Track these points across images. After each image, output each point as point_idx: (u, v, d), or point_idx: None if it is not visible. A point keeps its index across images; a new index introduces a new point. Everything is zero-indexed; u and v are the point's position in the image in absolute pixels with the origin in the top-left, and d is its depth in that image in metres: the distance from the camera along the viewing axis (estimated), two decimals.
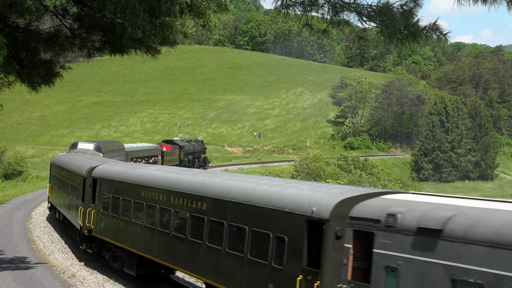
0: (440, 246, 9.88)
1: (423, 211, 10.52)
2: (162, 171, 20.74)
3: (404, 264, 10.43)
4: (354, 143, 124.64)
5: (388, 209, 11.00)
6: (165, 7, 12.69)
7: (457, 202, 11.14)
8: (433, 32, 9.06)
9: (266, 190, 14.20)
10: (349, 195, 12.19)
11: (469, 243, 9.48)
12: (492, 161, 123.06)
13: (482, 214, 9.94)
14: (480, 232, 9.43)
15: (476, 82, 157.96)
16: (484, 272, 9.15)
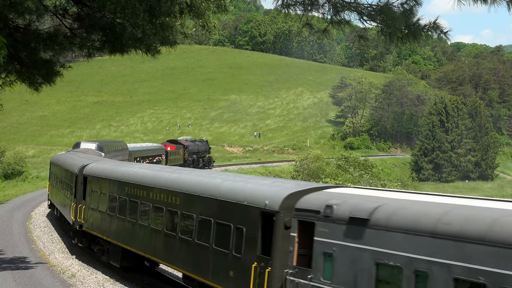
0: (367, 234, 11.00)
1: (355, 202, 11.68)
2: (143, 168, 21.82)
3: (338, 250, 11.56)
4: (354, 143, 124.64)
5: (327, 201, 12.14)
6: (165, 7, 12.69)
7: (386, 194, 12.34)
8: (433, 31, 9.06)
9: (229, 186, 15.47)
10: (296, 189, 13.34)
11: (390, 230, 10.56)
12: (492, 161, 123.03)
13: (403, 204, 11.04)
14: (399, 220, 10.51)
15: (476, 82, 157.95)
16: (401, 256, 10.23)
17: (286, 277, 12.68)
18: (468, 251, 9.33)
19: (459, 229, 9.55)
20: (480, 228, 9.29)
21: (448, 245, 9.64)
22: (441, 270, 9.67)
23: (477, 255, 9.17)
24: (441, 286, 9.65)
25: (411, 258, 10.12)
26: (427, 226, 10.05)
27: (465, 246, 9.36)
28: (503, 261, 8.78)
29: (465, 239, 9.41)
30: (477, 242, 9.19)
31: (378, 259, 10.73)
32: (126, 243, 20.65)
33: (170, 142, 70.11)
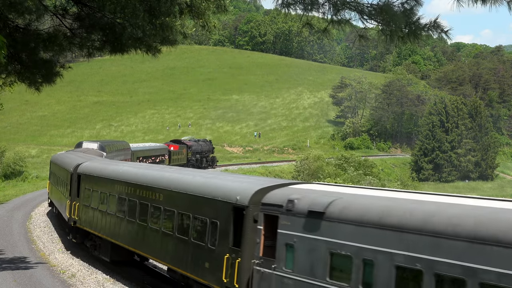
0: (322, 226, 11.97)
1: (313, 197, 12.63)
2: (131, 167, 23.37)
3: (298, 241, 12.47)
4: (354, 143, 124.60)
5: (289, 196, 13.07)
6: (165, 8, 12.69)
7: (343, 190, 13.41)
8: (434, 30, 9.04)
9: (205, 182, 16.60)
10: (264, 185, 14.31)
11: (342, 223, 11.56)
12: (492, 161, 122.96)
13: (354, 199, 12.12)
14: (350, 213, 11.52)
15: (476, 82, 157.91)
16: (351, 246, 11.22)
17: (253, 267, 13.58)
18: (407, 240, 10.23)
19: (399, 221, 10.49)
20: (418, 220, 10.23)
21: (390, 235, 10.53)
22: (385, 258, 10.53)
23: (415, 244, 10.07)
24: (385, 273, 10.51)
25: (360, 248, 11.05)
26: (373, 218, 10.99)
27: (405, 236, 10.28)
28: (437, 249, 9.70)
29: (405, 229, 10.33)
30: (416, 233, 10.12)
31: (331, 249, 11.68)
32: (115, 238, 21.66)
33: (173, 142, 70.92)
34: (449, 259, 9.56)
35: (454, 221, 9.81)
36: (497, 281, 8.73)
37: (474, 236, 9.33)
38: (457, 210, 10.19)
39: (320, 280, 11.77)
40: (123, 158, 50.90)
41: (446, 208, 10.39)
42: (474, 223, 9.53)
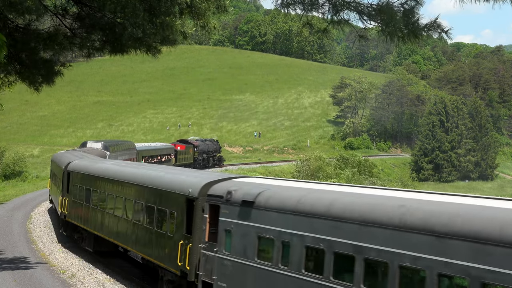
0: (252, 213, 13.74)
1: (247, 188, 14.43)
2: (112, 164, 25.41)
3: (234, 227, 14.27)
4: (354, 143, 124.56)
5: (228, 188, 14.89)
6: (165, 8, 12.69)
7: (273, 182, 15.30)
8: (434, 30, 9.03)
9: (166, 177, 18.62)
10: (211, 179, 16.19)
11: (267, 210, 13.35)
12: (492, 161, 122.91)
13: (278, 190, 13.84)
14: (273, 202, 13.32)
15: (476, 82, 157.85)
16: (274, 230, 13.07)
17: (201, 250, 15.53)
18: (315, 224, 12.08)
19: (310, 208, 12.37)
20: (323, 207, 12.10)
21: (303, 220, 12.39)
22: (298, 240, 12.42)
23: (320, 227, 11.96)
24: (298, 252, 12.37)
25: (280, 231, 12.89)
26: (290, 206, 12.83)
27: (313, 220, 12.16)
28: (336, 231, 11.58)
29: (313, 215, 12.19)
30: (320, 217, 12.01)
31: (259, 233, 13.52)
32: (97, 230, 23.66)
33: (180, 142, 72.20)
34: (344, 239, 11.35)
35: (349, 207, 11.61)
36: (376, 256, 10.65)
37: (363, 220, 11.11)
38: (352, 199, 11.96)
39: (250, 260, 13.70)
40: (128, 158, 52.57)
41: (344, 196, 12.26)
42: (365, 210, 11.26)
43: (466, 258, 9.16)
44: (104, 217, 22.82)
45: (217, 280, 14.74)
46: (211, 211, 15.32)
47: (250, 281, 13.75)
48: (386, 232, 10.62)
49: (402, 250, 10.28)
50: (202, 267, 15.41)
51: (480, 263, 8.96)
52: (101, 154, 42.93)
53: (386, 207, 11.04)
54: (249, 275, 13.79)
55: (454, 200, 10.89)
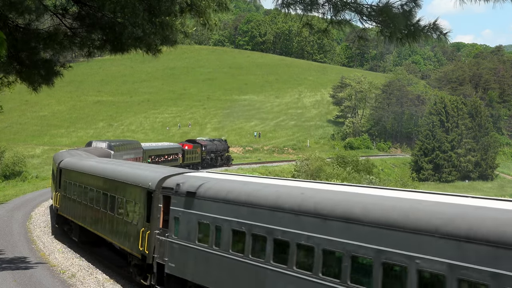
0: (194, 202, 15.89)
1: (192, 181, 16.59)
2: (94, 162, 27.93)
3: (181, 215, 16.45)
4: (354, 143, 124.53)
5: (178, 181, 17.07)
6: (165, 7, 12.67)
7: (213, 176, 17.57)
8: (433, 32, 9.05)
9: (133, 172, 21.07)
10: (166, 174, 18.37)
11: (206, 200, 15.47)
12: (492, 161, 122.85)
13: (216, 182, 16.04)
14: (210, 193, 15.45)
15: (476, 82, 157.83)
16: (209, 216, 15.25)
17: (156, 236, 17.71)
18: (239, 211, 14.17)
19: (236, 197, 14.47)
20: (243, 195, 14.39)
21: (230, 207, 14.48)
22: (227, 225, 14.55)
23: (242, 213, 14.06)
24: (226, 235, 14.54)
25: (214, 218, 14.99)
26: (222, 195, 14.99)
27: (238, 207, 14.31)
28: (253, 216, 13.67)
29: (237, 203, 14.32)
30: (243, 205, 14.10)
31: (199, 219, 15.68)
32: (81, 221, 25.93)
33: (188, 142, 74.20)
34: (259, 222, 13.44)
35: (263, 196, 13.80)
36: (282, 236, 12.76)
37: (273, 207, 13.23)
38: (268, 189, 14.18)
39: (192, 243, 15.87)
40: (134, 157, 55.08)
41: (263, 187, 14.41)
42: (274, 198, 13.43)
43: (342, 236, 11.27)
44: (86, 209, 25.18)
45: (168, 261, 16.97)
46: (164, 202, 17.59)
47: (192, 261, 15.90)
48: (289, 216, 12.73)
49: (299, 231, 12.35)
50: (157, 250, 17.62)
51: (351, 239, 11.05)
52: (105, 154, 44.99)
53: (290, 195, 13.22)
54: (191, 256, 15.92)
55: (347, 190, 13.02)
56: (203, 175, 17.80)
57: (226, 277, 14.53)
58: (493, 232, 8.85)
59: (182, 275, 16.35)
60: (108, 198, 22.10)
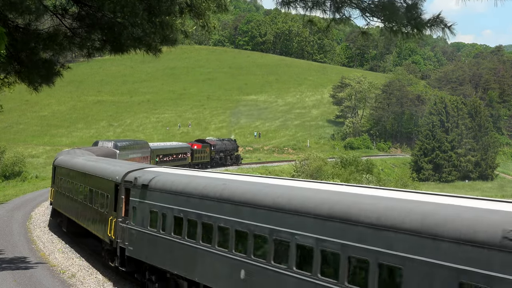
0: (147, 194, 18.44)
1: (146, 175, 19.13)
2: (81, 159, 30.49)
3: (138, 204, 19.01)
4: (354, 143, 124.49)
5: (136, 175, 19.60)
6: (165, 7, 12.65)
7: (164, 170, 20.58)
8: (437, 25, 8.95)
9: (105, 167, 24.18)
10: (130, 169, 20.93)
11: (155, 191, 18.05)
12: (492, 161, 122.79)
13: (165, 176, 18.44)
14: (159, 185, 17.94)
15: (476, 82, 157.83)
16: (158, 205, 17.75)
17: (119, 223, 20.26)
18: (178, 200, 16.69)
19: (176, 188, 17.02)
20: (181, 187, 16.87)
21: (173, 197, 17.04)
22: (170, 212, 17.01)
23: (180, 201, 16.60)
24: (170, 221, 16.96)
25: (161, 206, 17.54)
26: (167, 187, 17.47)
27: (178, 197, 16.81)
28: (188, 204, 16.28)
29: (178, 193, 16.83)
30: (182, 195, 16.63)
31: (150, 208, 18.19)
32: (68, 213, 28.85)
33: (197, 141, 76.14)
34: (192, 209, 15.93)
35: (195, 187, 16.23)
36: (208, 220, 15.24)
37: (201, 195, 15.66)
38: (199, 180, 16.71)
39: (145, 228, 18.43)
40: (141, 156, 57.99)
41: (195, 179, 17.05)
42: (202, 188, 15.86)
43: (249, 219, 13.64)
44: (72, 202, 28.00)
45: (127, 245, 19.54)
46: (125, 193, 20.09)
47: (145, 244, 18.48)
48: (213, 203, 15.13)
49: (220, 215, 14.74)
50: (119, 235, 20.23)
51: (254, 221, 13.48)
52: (111, 153, 47.80)
53: (214, 185, 15.55)
54: (145, 240, 18.48)
55: (257, 181, 15.83)
56: (157, 170, 20.58)
57: (170, 256, 16.98)
58: (342, 212, 11.25)
59: (139, 257, 19.03)
60: (88, 192, 24.99)
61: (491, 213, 9.20)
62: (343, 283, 10.81)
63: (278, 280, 12.64)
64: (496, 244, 8.56)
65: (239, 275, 13.86)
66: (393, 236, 9.97)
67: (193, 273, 15.84)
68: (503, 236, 8.50)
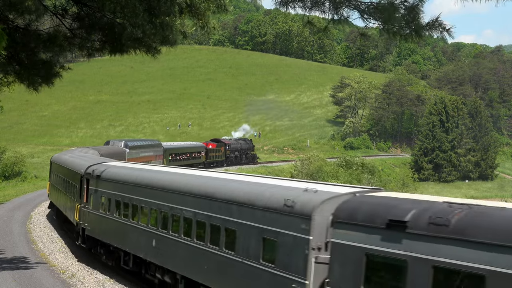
0: (99, 182, 22.89)
1: (100, 168, 23.65)
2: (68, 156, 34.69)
3: (94, 192, 23.54)
4: (354, 143, 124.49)
5: (93, 168, 23.99)
6: (165, 7, 12.66)
7: (113, 163, 25.32)
8: (436, 29, 8.96)
9: (76, 161, 29.09)
10: (92, 163, 25.54)
11: (106, 181, 22.32)
12: (492, 161, 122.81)
13: (113, 168, 23.00)
14: (108, 175, 22.23)
15: (476, 82, 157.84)
16: (108, 192, 22.10)
17: (82, 208, 24.81)
18: (117, 186, 21.25)
19: (117, 177, 21.60)
20: (119, 176, 21.58)
21: (113, 185, 21.64)
22: (113, 197, 21.51)
23: (119, 188, 21.08)
24: (113, 204, 21.47)
25: (108, 192, 21.96)
26: (111, 177, 22.08)
27: (116, 185, 21.43)
28: (115, 188, 21.35)
29: (116, 181, 21.52)
30: (118, 182, 21.39)
31: (101, 194, 22.67)
32: (57, 203, 33.21)
33: (212, 141, 78.91)
34: (126, 194, 20.47)
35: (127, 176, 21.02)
36: (135, 202, 19.72)
37: (133, 183, 20.13)
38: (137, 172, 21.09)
39: (97, 211, 23.06)
40: (153, 155, 61.91)
41: (133, 171, 21.49)
42: (123, 176, 21.20)
43: (164, 201, 17.60)
44: (59, 193, 32.18)
45: (87, 226, 24.21)
46: (86, 183, 24.48)
47: (98, 224, 23.16)
48: (138, 189, 19.54)
49: (141, 198, 19.18)
50: (81, 218, 24.88)
51: (162, 201, 17.75)
52: (120, 151, 52.41)
53: (143, 176, 19.99)
54: (97, 221, 23.16)
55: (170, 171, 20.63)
56: (111, 164, 24.96)
57: (111, 233, 21.80)
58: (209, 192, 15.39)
59: (94, 235, 23.54)
60: (65, 183, 29.40)
61: (279, 188, 13.37)
62: (206, 244, 15.12)
63: (175, 246, 16.82)
64: (280, 209, 12.37)
65: (152, 243, 18.21)
66: (233, 208, 14.09)
67: (125, 244, 20.52)
68: (284, 204, 12.31)
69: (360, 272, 10.40)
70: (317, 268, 11.39)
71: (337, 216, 11.23)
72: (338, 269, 10.96)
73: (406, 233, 9.72)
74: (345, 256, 10.82)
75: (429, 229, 9.40)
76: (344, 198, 11.68)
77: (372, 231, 10.34)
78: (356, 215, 10.83)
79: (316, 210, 11.54)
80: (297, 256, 11.76)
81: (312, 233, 11.48)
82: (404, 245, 9.67)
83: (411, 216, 9.80)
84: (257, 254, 13.01)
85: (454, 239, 9.03)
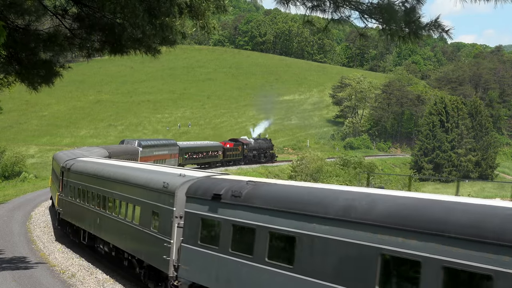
0: (70, 175, 27.29)
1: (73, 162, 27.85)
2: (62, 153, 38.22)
3: (67, 182, 27.65)
4: (354, 143, 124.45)
5: (68, 163, 28.13)
6: (165, 8, 12.66)
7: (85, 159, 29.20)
8: (435, 29, 8.98)
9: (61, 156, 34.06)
10: (69, 158, 30.32)
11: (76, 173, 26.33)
12: (492, 161, 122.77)
13: (81, 162, 27.26)
14: (77, 168, 26.56)
15: (476, 82, 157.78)
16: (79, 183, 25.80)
17: (59, 197, 28.96)
18: (82, 178, 25.41)
19: (81, 170, 25.74)
20: (85, 169, 25.50)
21: (80, 176, 25.71)
22: (79, 186, 25.62)
23: (84, 179, 25.10)
24: (81, 192, 25.37)
25: (82, 184, 25.21)
26: (79, 170, 26.10)
27: (82, 176, 25.51)
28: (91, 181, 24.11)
29: (81, 173, 25.57)
30: (81, 174, 25.69)
31: (75, 186, 26.31)
32: (52, 195, 36.62)
33: (230, 140, 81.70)
34: (93, 185, 23.59)
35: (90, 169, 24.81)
36: (89, 189, 24.16)
37: (91, 174, 24.17)
38: (99, 166, 24.57)
39: (67, 197, 27.44)
40: (168, 153, 64.50)
41: (93, 164, 25.61)
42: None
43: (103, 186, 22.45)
44: (52, 185, 36.51)
45: (61, 211, 28.49)
46: (62, 175, 28.54)
47: (67, 208, 27.43)
48: (93, 179, 23.67)
49: (93, 185, 23.49)
50: (59, 205, 29.21)
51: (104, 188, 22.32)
52: (133, 150, 55.58)
53: (90, 165, 25.30)
54: (67, 205, 27.48)
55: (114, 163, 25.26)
56: (79, 159, 29.19)
57: (76, 215, 26.22)
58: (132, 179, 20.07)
59: (65, 218, 27.90)
60: (55, 176, 33.38)
61: (164, 174, 18.21)
62: (131, 221, 19.32)
63: (110, 223, 21.47)
64: (161, 189, 17.08)
65: (97, 221, 23.08)
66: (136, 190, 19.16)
67: (83, 224, 25.10)
68: (162, 185, 16.95)
69: (198, 231, 15.04)
70: (178, 231, 15.98)
71: (188, 192, 15.69)
72: (187, 230, 15.56)
73: (220, 202, 14.26)
74: (191, 221, 15.40)
75: (231, 199, 13.86)
76: (197, 180, 15.92)
77: (204, 202, 14.86)
78: (198, 191, 15.25)
79: (179, 189, 16.04)
80: (167, 223, 16.41)
81: (175, 206, 16.11)
82: (219, 211, 14.27)
83: (224, 191, 14.26)
84: (149, 223, 17.84)
85: (243, 205, 13.44)
